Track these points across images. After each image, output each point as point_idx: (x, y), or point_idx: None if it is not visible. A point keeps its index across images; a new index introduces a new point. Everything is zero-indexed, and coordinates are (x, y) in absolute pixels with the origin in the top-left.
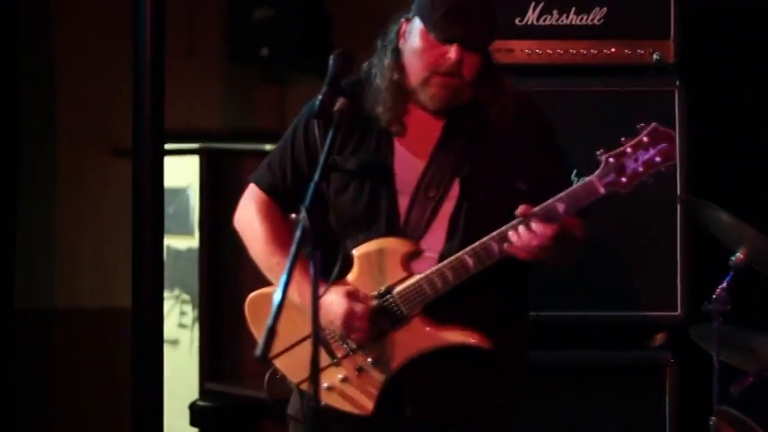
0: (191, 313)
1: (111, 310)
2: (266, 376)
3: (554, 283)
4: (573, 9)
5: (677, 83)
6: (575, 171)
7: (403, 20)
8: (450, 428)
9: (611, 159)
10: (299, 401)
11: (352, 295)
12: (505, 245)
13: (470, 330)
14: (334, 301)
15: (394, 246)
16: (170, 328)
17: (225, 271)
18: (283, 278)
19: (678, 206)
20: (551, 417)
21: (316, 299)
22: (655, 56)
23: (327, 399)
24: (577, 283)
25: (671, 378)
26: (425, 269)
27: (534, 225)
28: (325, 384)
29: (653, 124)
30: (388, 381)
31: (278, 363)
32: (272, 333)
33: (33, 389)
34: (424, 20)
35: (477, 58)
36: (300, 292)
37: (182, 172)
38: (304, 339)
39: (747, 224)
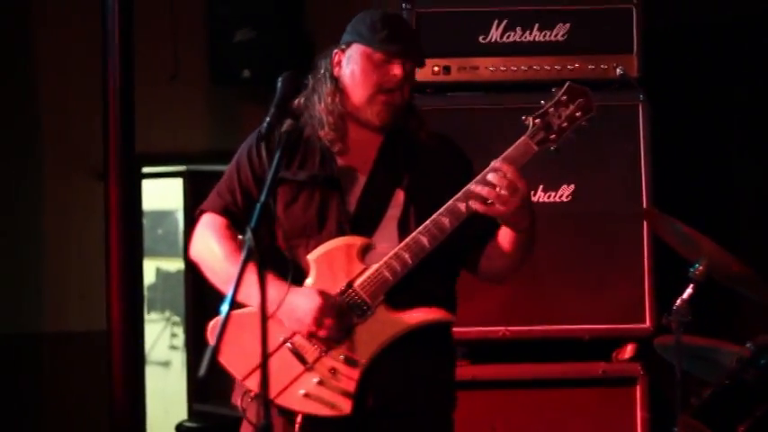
0: (182, 335)
1: (99, 334)
2: (239, 400)
3: (524, 297)
4: (536, 25)
5: (641, 97)
6: None
7: (336, 51)
8: (411, 417)
9: (537, 120)
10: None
11: (322, 293)
12: (471, 203)
13: (430, 308)
14: (301, 300)
15: (348, 242)
16: (161, 350)
17: (212, 292)
18: (229, 294)
19: (644, 219)
20: (523, 430)
21: (264, 320)
22: (618, 70)
23: (305, 407)
24: (547, 296)
25: (641, 390)
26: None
27: (491, 175)
28: (301, 391)
29: (567, 83)
30: (363, 375)
31: (249, 382)
32: (215, 352)
33: (21, 414)
34: (367, 41)
35: (408, 84)
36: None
37: (170, 194)
38: (271, 354)
39: (706, 237)
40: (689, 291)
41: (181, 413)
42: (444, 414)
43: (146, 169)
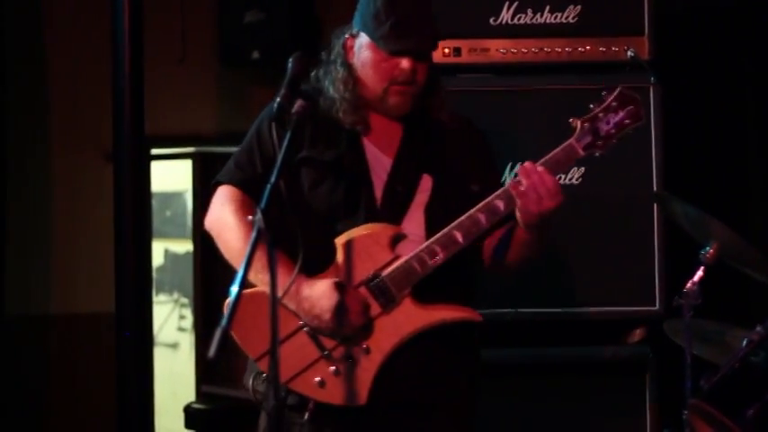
0: (190, 317)
1: (107, 316)
2: (251, 379)
3: (533, 280)
4: (547, 7)
5: (652, 79)
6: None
7: (347, 36)
8: (432, 410)
9: (585, 124)
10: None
11: (341, 287)
12: (515, 191)
13: (459, 306)
14: (317, 296)
15: (378, 230)
16: (169, 332)
17: (220, 274)
18: (239, 274)
19: (654, 202)
20: (531, 414)
21: (275, 300)
22: (629, 53)
23: (319, 395)
24: (556, 279)
25: (650, 373)
26: (410, 251)
27: (533, 176)
28: (317, 379)
29: (618, 88)
30: (382, 366)
31: (262, 363)
32: (225, 332)
33: (29, 397)
34: (371, 36)
35: (426, 65)
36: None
37: (178, 176)
38: (288, 337)
39: (717, 219)
40: (699, 274)
41: (189, 395)
42: (464, 409)
43: (154, 151)
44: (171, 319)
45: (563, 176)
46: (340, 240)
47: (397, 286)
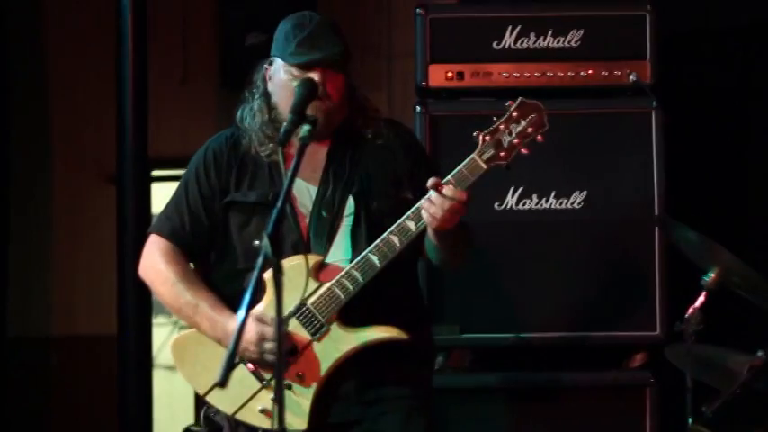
0: None
1: (108, 338)
2: (201, 414)
3: (535, 304)
4: (550, 32)
5: (654, 104)
6: None
7: (266, 66)
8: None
9: (487, 137)
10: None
11: (260, 319)
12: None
13: (387, 326)
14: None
15: (301, 261)
16: (168, 354)
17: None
18: (246, 298)
19: (656, 226)
20: None
21: (280, 322)
22: (631, 77)
23: (263, 423)
24: (558, 304)
25: (651, 398)
26: (335, 277)
27: (444, 190)
28: (259, 407)
29: (519, 99)
30: (318, 391)
31: (210, 398)
32: (232, 356)
33: (30, 418)
34: (282, 56)
35: (339, 79)
36: (212, 326)
37: None
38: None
39: (719, 245)
40: (701, 299)
41: (188, 417)
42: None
43: (156, 173)
44: (170, 341)
45: (564, 200)
46: (267, 275)
47: (323, 313)
